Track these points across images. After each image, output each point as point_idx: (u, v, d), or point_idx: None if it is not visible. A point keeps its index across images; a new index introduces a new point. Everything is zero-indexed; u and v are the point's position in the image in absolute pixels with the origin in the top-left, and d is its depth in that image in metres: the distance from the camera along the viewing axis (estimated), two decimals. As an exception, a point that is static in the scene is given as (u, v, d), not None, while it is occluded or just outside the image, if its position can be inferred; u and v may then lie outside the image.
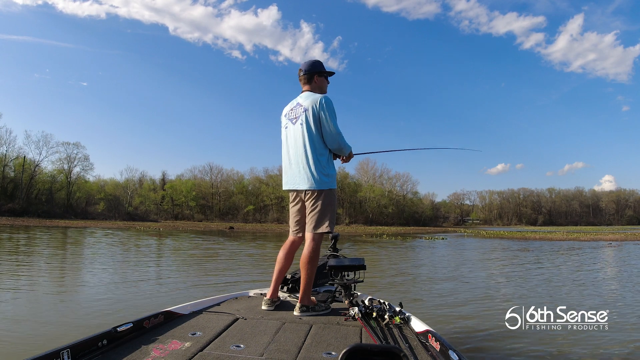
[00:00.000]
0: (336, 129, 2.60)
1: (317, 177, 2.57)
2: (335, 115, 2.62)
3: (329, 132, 2.59)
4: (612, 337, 3.89)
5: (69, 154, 55.43)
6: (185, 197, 65.85)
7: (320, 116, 2.57)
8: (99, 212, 56.20)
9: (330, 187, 2.62)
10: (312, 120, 2.58)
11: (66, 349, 1.53)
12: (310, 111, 2.58)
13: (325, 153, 2.63)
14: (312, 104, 2.59)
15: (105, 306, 4.80)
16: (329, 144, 2.63)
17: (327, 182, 2.60)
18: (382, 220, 67.71)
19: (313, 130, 2.58)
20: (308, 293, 2.54)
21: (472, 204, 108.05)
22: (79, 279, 7.06)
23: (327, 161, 2.64)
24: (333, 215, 2.62)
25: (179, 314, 2.32)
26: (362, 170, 76.58)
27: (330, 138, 2.60)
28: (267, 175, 70.05)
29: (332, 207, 2.62)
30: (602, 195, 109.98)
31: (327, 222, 2.58)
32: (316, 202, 2.59)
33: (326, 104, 2.58)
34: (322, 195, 2.59)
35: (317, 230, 2.58)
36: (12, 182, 49.38)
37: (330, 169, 2.65)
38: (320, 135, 2.60)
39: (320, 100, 2.58)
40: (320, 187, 2.58)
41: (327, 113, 2.57)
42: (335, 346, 1.85)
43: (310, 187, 2.58)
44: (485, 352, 3.39)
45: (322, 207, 2.58)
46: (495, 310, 4.96)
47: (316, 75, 2.76)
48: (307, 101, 2.62)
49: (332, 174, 2.64)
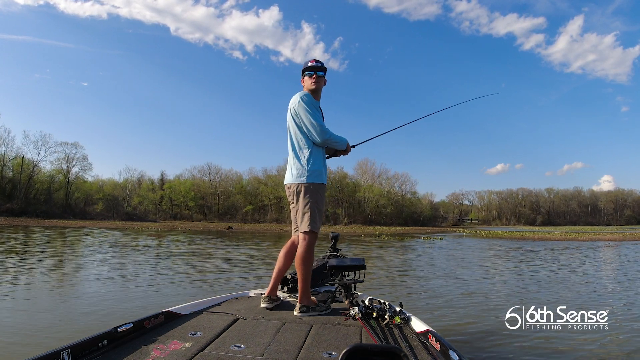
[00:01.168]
0: (316, 122, 2.60)
1: (299, 171, 2.61)
2: (314, 110, 2.63)
3: (308, 126, 2.61)
4: (612, 337, 3.89)
5: (67, 154, 55.42)
6: (184, 197, 65.76)
7: (299, 112, 2.63)
8: (98, 212, 56.13)
9: (313, 181, 2.60)
10: (294, 117, 2.65)
11: (66, 349, 1.53)
12: (292, 109, 2.67)
13: (309, 146, 2.64)
14: (292, 102, 2.69)
15: (105, 306, 4.79)
16: (314, 139, 2.62)
17: (310, 175, 2.59)
18: (381, 220, 67.69)
19: (295, 126, 2.66)
20: (307, 293, 2.53)
21: (470, 204, 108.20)
22: (78, 279, 7.04)
23: (309, 155, 2.63)
24: (316, 212, 2.58)
25: (179, 314, 2.32)
26: (361, 170, 76.63)
27: (313, 132, 2.61)
28: (265, 175, 70.03)
29: (317, 205, 2.60)
30: (600, 195, 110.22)
31: (309, 220, 2.56)
32: (298, 197, 2.60)
33: (301, 100, 2.63)
34: (304, 189, 2.59)
35: (302, 230, 2.58)
36: (11, 182, 49.23)
37: (315, 164, 2.62)
38: (303, 131, 2.64)
39: (297, 98, 2.67)
40: (301, 181, 2.59)
41: (303, 108, 2.61)
42: (336, 346, 1.85)
43: (292, 180, 2.63)
44: (485, 352, 3.39)
45: (304, 203, 2.58)
46: (495, 310, 4.96)
47: (302, 75, 2.82)
48: (291, 100, 2.71)
49: (315, 170, 2.62)
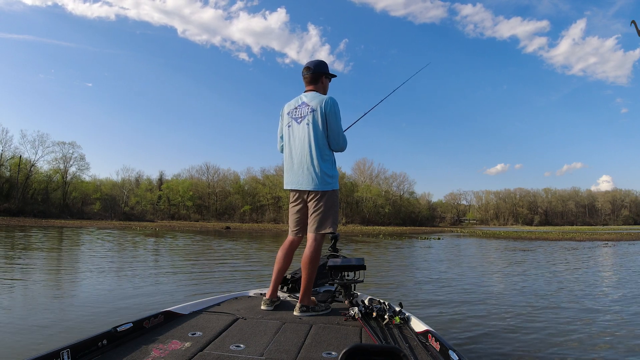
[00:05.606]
0: (342, 131, 2.63)
1: (322, 178, 2.57)
2: (340, 117, 2.63)
3: (335, 133, 2.59)
4: (613, 336, 3.91)
5: (64, 154, 55.31)
6: (181, 197, 65.62)
7: (328, 117, 2.56)
8: (95, 212, 56.00)
9: (334, 188, 2.63)
10: (319, 121, 2.56)
11: (66, 349, 1.53)
12: (318, 112, 2.57)
13: (330, 154, 2.64)
14: (320, 104, 2.57)
15: (105, 306, 4.77)
16: (333, 145, 2.63)
17: (331, 183, 2.60)
18: (379, 220, 67.81)
19: (320, 130, 2.57)
20: (308, 293, 2.53)
21: (468, 204, 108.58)
22: (77, 278, 7.02)
23: (332, 162, 2.64)
24: (336, 216, 2.63)
25: (179, 314, 2.32)
26: (359, 170, 76.81)
27: (335, 139, 2.61)
28: (263, 175, 70.03)
29: (335, 208, 2.63)
30: (598, 195, 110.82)
31: (330, 223, 2.59)
32: (319, 203, 2.59)
33: (334, 106, 2.58)
34: (326, 196, 2.59)
35: (320, 231, 2.58)
36: (8, 182, 49.00)
37: (334, 170, 2.66)
38: (326, 136, 2.59)
39: (328, 102, 2.58)
40: (324, 188, 2.58)
41: (335, 115, 2.58)
42: (335, 346, 1.85)
43: (314, 187, 2.58)
44: (486, 352, 3.40)
45: (326, 207, 2.58)
46: (495, 310, 4.98)
47: (323, 76, 2.75)
48: (314, 101, 2.60)
49: (335, 175, 2.65)
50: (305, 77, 2.73)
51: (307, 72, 2.72)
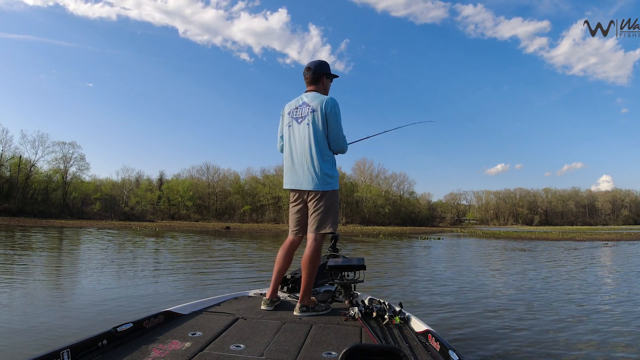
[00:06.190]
0: (342, 132, 2.63)
1: (322, 178, 2.57)
2: (340, 118, 2.63)
3: (335, 134, 2.60)
4: (613, 336, 3.91)
5: (64, 154, 55.23)
6: (182, 197, 65.57)
7: (329, 118, 2.57)
8: (95, 212, 55.95)
9: (334, 188, 2.64)
10: (320, 121, 2.57)
11: (66, 349, 1.53)
12: (319, 112, 2.57)
13: (331, 154, 2.65)
14: (320, 104, 2.58)
15: (105, 306, 4.77)
16: (333, 146, 2.64)
17: (331, 183, 2.61)
18: (379, 220, 67.78)
19: (320, 131, 2.57)
20: (308, 293, 2.53)
21: (468, 204, 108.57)
22: (77, 278, 7.02)
23: (332, 162, 2.65)
24: (336, 216, 2.63)
25: (179, 314, 2.32)
26: (359, 170, 76.80)
27: (335, 140, 2.62)
28: (263, 175, 69.98)
29: (335, 208, 2.63)
30: (598, 195, 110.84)
31: (330, 223, 2.59)
32: (319, 203, 2.59)
33: (335, 106, 2.59)
34: (326, 196, 2.60)
35: (320, 231, 2.58)
36: (8, 182, 48.97)
37: (334, 170, 2.66)
38: (326, 137, 2.60)
39: (329, 102, 2.58)
40: (325, 188, 2.58)
41: (336, 115, 2.58)
42: (335, 346, 1.85)
43: (314, 187, 2.58)
44: (485, 352, 3.40)
45: (326, 207, 2.59)
46: (495, 310, 4.98)
47: (324, 76, 2.75)
48: (315, 102, 2.61)
49: (335, 175, 2.65)
50: (306, 77, 2.74)
51: (308, 72, 2.73)
